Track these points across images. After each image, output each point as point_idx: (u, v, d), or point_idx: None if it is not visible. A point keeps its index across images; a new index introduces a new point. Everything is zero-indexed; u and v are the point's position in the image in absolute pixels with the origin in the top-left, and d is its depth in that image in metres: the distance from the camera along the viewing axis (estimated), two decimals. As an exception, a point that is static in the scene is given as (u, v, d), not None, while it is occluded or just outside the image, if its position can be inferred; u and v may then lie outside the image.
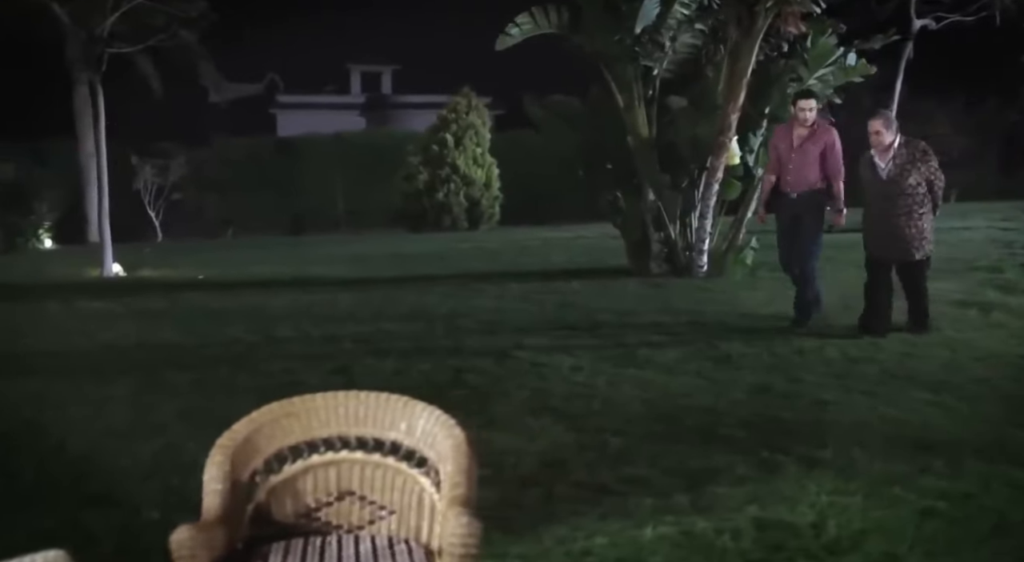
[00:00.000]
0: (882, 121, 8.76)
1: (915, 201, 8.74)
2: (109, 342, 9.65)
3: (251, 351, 8.98)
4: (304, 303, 11.67)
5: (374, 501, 3.63)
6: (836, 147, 9.48)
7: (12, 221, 25.08)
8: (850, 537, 4.54)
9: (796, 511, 4.84)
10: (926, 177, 8.75)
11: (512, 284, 12.74)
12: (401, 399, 3.72)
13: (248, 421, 3.63)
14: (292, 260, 17.59)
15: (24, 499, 5.31)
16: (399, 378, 7.95)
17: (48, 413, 7.02)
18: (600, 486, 5.31)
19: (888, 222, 8.82)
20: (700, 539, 4.56)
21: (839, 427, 6.27)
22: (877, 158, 8.85)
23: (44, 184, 25.78)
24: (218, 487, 3.42)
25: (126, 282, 15.32)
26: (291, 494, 3.60)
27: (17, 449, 6.23)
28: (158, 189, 27.03)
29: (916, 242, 8.83)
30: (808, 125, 9.49)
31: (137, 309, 11.58)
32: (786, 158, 9.59)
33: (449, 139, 25.62)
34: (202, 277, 15.07)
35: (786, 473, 5.42)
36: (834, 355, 8.38)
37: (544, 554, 4.46)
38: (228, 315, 10.93)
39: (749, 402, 6.97)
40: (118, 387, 7.73)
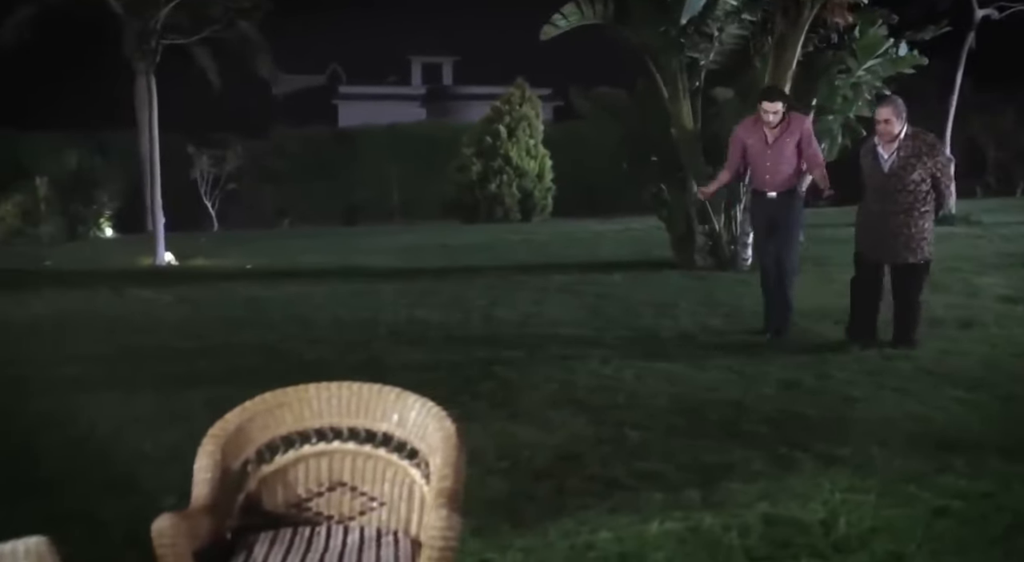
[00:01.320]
0: (892, 109, 7.99)
1: (917, 198, 8.02)
2: (149, 329, 9.79)
3: (285, 340, 9.06)
4: (345, 293, 11.74)
5: (365, 492, 3.65)
6: (812, 135, 8.76)
7: (74, 210, 25.51)
8: (859, 535, 4.50)
9: (807, 508, 4.80)
10: (931, 173, 8.00)
11: (555, 276, 12.72)
12: (394, 390, 3.74)
13: (241, 410, 3.67)
14: (340, 250, 17.71)
15: (44, 483, 5.42)
16: (429, 369, 7.99)
17: (81, 397, 7.14)
18: (612, 480, 5.30)
19: (884, 219, 8.10)
20: (706, 535, 4.53)
21: (863, 424, 6.20)
22: (881, 148, 8.12)
23: (106, 174, 26.14)
24: (207, 476, 3.46)
25: (176, 271, 15.53)
26: (282, 484, 3.63)
27: (46, 432, 6.35)
28: (214, 179, 27.32)
29: (914, 243, 8.08)
30: (775, 125, 8.61)
31: (182, 297, 11.73)
32: (760, 155, 8.73)
33: (502, 130, 25.62)
34: (250, 266, 15.22)
35: (802, 470, 5.37)
36: (869, 351, 8.27)
37: (548, 547, 4.47)
38: (268, 304, 11.04)
39: (776, 397, 6.90)
40: (150, 374, 7.84)
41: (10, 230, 24.92)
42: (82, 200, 25.51)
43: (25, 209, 25.23)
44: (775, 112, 8.53)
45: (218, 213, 27.49)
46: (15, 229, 24.98)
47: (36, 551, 2.90)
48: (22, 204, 25.24)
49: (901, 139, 8.00)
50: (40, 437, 6.26)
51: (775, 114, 8.53)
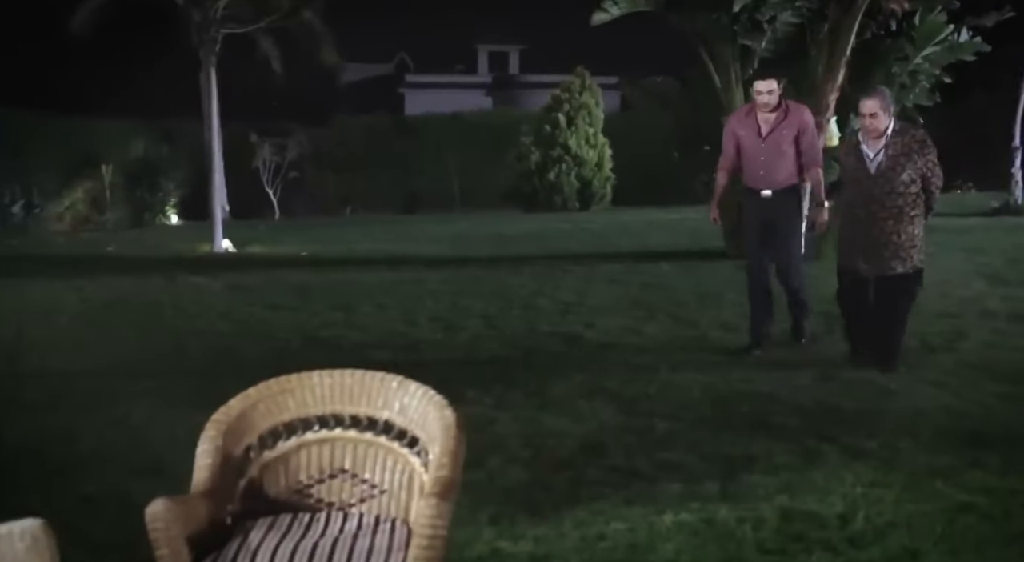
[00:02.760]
0: (878, 101, 6.99)
1: (907, 202, 7.04)
2: (196, 314, 9.95)
3: (326, 326, 9.15)
4: (392, 280, 11.81)
5: (366, 479, 3.67)
6: (812, 128, 7.79)
7: (140, 197, 25.97)
8: (876, 530, 4.44)
9: (826, 502, 4.75)
10: (922, 173, 7.04)
11: (602, 265, 12.68)
12: (396, 378, 3.75)
13: (244, 397, 3.72)
14: (395, 238, 17.82)
15: (75, 465, 5.52)
16: (466, 356, 8.06)
17: (122, 381, 7.28)
18: (633, 471, 5.29)
19: (871, 226, 7.09)
20: (720, 527, 4.51)
21: (895, 417, 6.11)
22: (866, 146, 7.12)
23: (172, 162, 26.56)
24: (208, 461, 3.51)
25: (231, 258, 15.73)
26: (284, 470, 3.67)
27: (85, 415, 6.47)
28: (276, 167, 27.60)
29: (904, 251, 7.09)
30: (772, 109, 7.65)
31: (232, 284, 11.88)
32: (753, 149, 7.74)
33: (561, 119, 25.55)
34: (304, 254, 15.37)
35: (826, 463, 5.32)
36: (913, 344, 8.11)
37: (561, 537, 4.46)
38: (315, 291, 11.14)
39: (811, 389, 6.83)
40: (191, 359, 7.98)
41: (79, 217, 25.43)
42: (148, 187, 25.95)
43: (94, 196, 25.74)
44: (769, 91, 7.56)
45: (280, 201, 27.74)
46: (84, 216, 25.49)
47: (31, 533, 2.96)
48: (91, 191, 25.75)
49: (888, 135, 7.05)
50: (79, 419, 6.38)
51: (770, 94, 7.56)
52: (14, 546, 2.94)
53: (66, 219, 25.16)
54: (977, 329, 8.51)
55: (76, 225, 24.67)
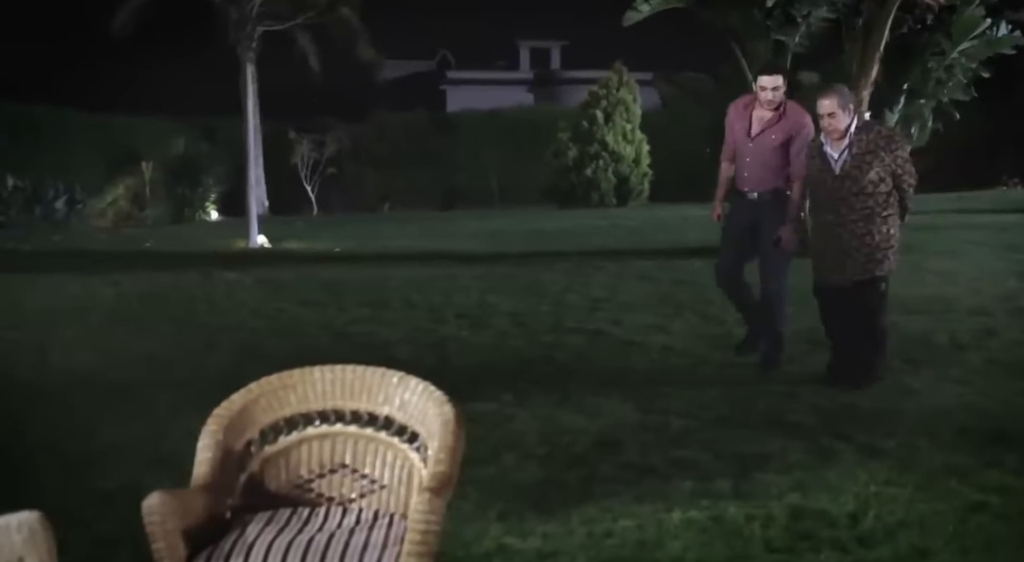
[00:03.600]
0: (836, 99, 6.56)
1: (877, 202, 6.57)
2: (226, 309, 10.02)
3: (354, 322, 9.20)
4: (423, 277, 11.84)
5: (366, 475, 3.69)
6: (807, 135, 7.09)
7: (181, 193, 26.21)
8: (886, 529, 4.41)
9: (838, 501, 4.72)
10: (891, 171, 6.58)
11: (635, 262, 12.64)
12: (396, 374, 3.77)
13: (245, 392, 3.76)
14: (430, 234, 17.87)
15: (95, 459, 5.59)
16: (491, 353, 8.07)
17: (148, 377, 7.36)
18: (646, 468, 5.29)
19: (841, 230, 6.61)
20: (729, 525, 4.50)
21: (915, 416, 6.07)
22: (829, 147, 6.69)
23: (212, 158, 26.78)
24: (208, 456, 3.55)
25: (265, 254, 15.84)
26: (285, 465, 3.70)
27: (109, 407, 6.55)
28: (314, 164, 27.76)
29: (880, 253, 6.61)
30: (774, 107, 7.13)
31: (263, 279, 11.96)
32: (741, 147, 7.27)
33: (599, 115, 25.50)
34: (338, 250, 15.46)
35: (841, 461, 5.29)
36: (941, 341, 8.08)
37: (568, 534, 4.47)
38: (345, 287, 11.19)
39: (831, 388, 6.77)
40: (219, 355, 8.04)
41: (121, 213, 25.73)
42: (189, 184, 26.18)
43: (135, 192, 26.04)
44: (775, 87, 7.04)
45: (319, 197, 27.91)
46: (125, 212, 25.78)
47: (29, 525, 3.01)
48: (132, 188, 26.05)
49: (852, 134, 6.63)
50: (102, 414, 6.45)
51: (775, 91, 7.05)
52: (11, 538, 2.98)
53: (108, 215, 25.45)
54: (1008, 327, 8.42)
55: (118, 221, 24.94)
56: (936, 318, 8.84)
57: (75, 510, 4.79)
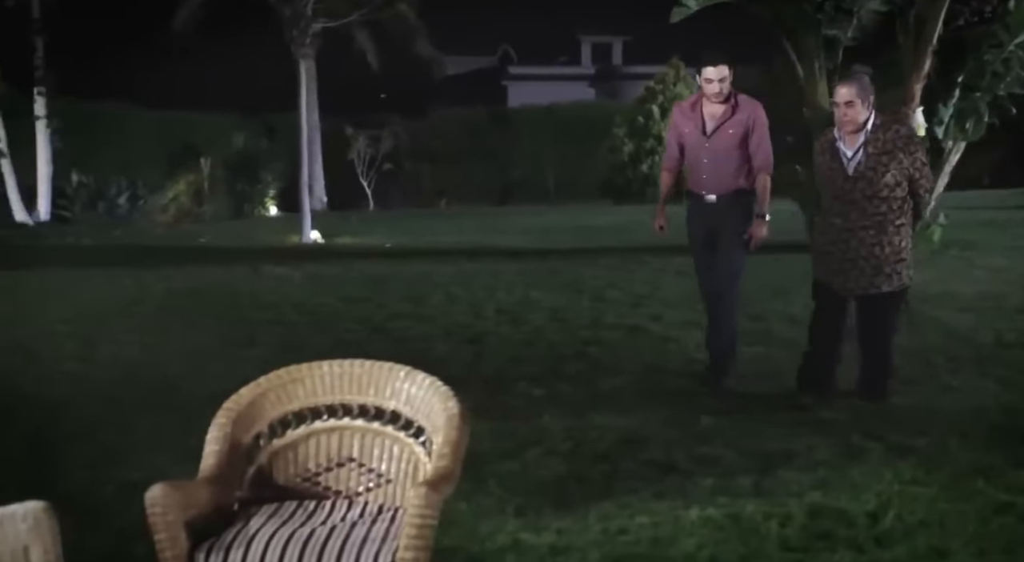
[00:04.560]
0: (856, 88, 6.04)
1: (891, 208, 6.06)
2: (271, 304, 10.12)
3: (394, 317, 9.25)
4: (468, 272, 11.88)
5: (373, 468, 3.72)
6: (765, 126, 6.66)
7: (241, 189, 26.54)
8: (905, 529, 4.35)
9: (859, 500, 4.66)
10: (908, 175, 6.05)
11: (678, 258, 12.43)
12: (404, 369, 3.78)
13: (255, 385, 3.80)
14: (483, 230, 17.91)
15: (127, 450, 5.66)
16: (526, 348, 8.08)
17: (186, 370, 7.46)
18: (669, 465, 5.26)
19: (850, 236, 6.12)
20: (745, 523, 4.45)
21: (949, 414, 5.98)
22: (843, 143, 6.15)
23: (271, 154, 27.05)
24: (215, 448, 3.60)
25: (317, 249, 15.99)
26: (292, 458, 3.73)
27: (144, 403, 6.65)
28: (371, 159, 27.94)
29: (889, 266, 6.12)
30: (722, 100, 6.57)
31: (311, 274, 12.08)
32: (696, 148, 6.69)
33: (655, 110, 25.40)
34: (389, 245, 15.56)
35: (867, 460, 5.22)
36: (986, 339, 7.95)
37: (583, 530, 4.45)
38: (390, 282, 11.27)
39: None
40: (258, 349, 8.13)
41: (182, 209, 26.09)
42: (248, 180, 26.49)
43: (196, 188, 26.40)
44: (720, 79, 6.47)
45: (376, 193, 28.08)
46: (186, 208, 26.15)
47: (34, 515, 3.08)
48: (193, 184, 26.41)
49: (868, 130, 6.06)
50: (138, 406, 6.56)
51: (721, 82, 6.47)
52: (17, 527, 3.05)
53: (170, 211, 25.82)
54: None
55: (179, 217, 25.30)
56: (983, 316, 8.72)
57: (102, 500, 4.88)
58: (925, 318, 8.67)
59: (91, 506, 4.76)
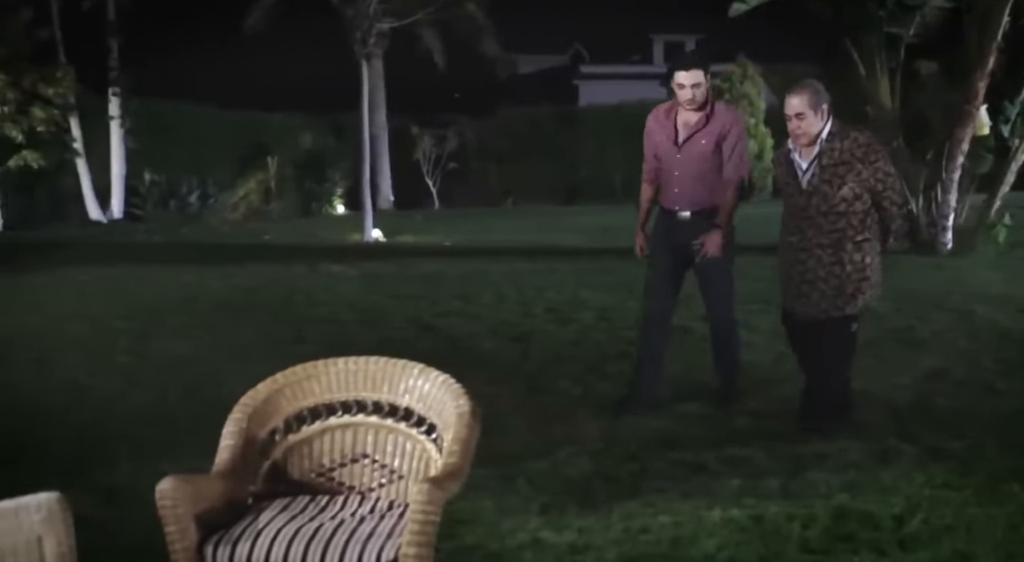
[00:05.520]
0: (807, 97, 5.47)
1: (849, 224, 5.52)
2: (323, 302, 10.22)
3: (442, 315, 9.29)
4: (522, 271, 11.90)
5: (386, 465, 3.77)
6: (741, 136, 6.15)
7: (309, 187, 26.87)
8: (931, 533, 4.29)
9: (887, 502, 4.60)
10: (869, 187, 5.51)
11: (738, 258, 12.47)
12: (417, 366, 3.82)
13: (271, 381, 3.87)
14: (545, 229, 17.93)
15: (169, 444, 5.76)
16: (570, 347, 8.09)
17: (233, 366, 7.55)
18: (698, 465, 5.24)
19: (807, 257, 5.62)
20: (768, 524, 4.43)
21: (990, 417, 5.88)
22: (797, 154, 5.66)
23: (339, 153, 27.32)
24: (230, 443, 3.67)
25: (377, 248, 16.13)
26: (307, 453, 3.79)
27: (189, 397, 6.77)
28: (436, 158, 28.09)
29: (852, 286, 5.57)
30: (696, 108, 6.04)
31: (367, 273, 12.18)
32: (668, 159, 6.19)
33: (722, 109, 25.22)
34: (448, 243, 15.64)
35: (900, 462, 5.16)
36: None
37: (605, 528, 4.46)
38: (444, 280, 11.32)
39: (912, 387, 6.61)
40: (306, 345, 8.20)
41: (252, 207, 26.48)
42: (316, 178, 26.79)
43: (266, 187, 26.78)
44: (694, 85, 5.93)
45: (442, 192, 28.22)
46: (256, 206, 26.53)
47: (47, 506, 3.15)
48: (263, 182, 26.79)
49: (823, 140, 5.53)
50: (184, 401, 6.68)
51: (695, 88, 5.94)
52: (31, 518, 3.13)
53: (240, 209, 26.22)
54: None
55: (248, 215, 25.67)
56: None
57: (139, 491, 4.97)
58: (981, 319, 8.54)
59: (133, 497, 4.85)
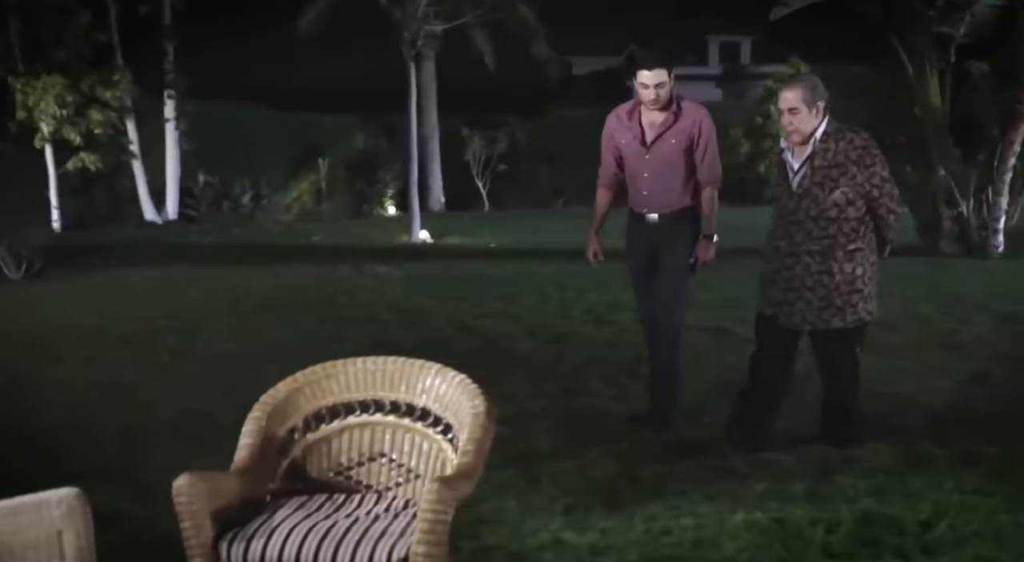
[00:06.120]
0: (801, 91, 5.16)
1: (841, 231, 5.16)
2: (366, 302, 10.32)
3: (482, 317, 9.33)
4: (566, 272, 11.88)
5: (403, 464, 3.80)
6: (711, 134, 5.89)
7: (360, 189, 27.02)
8: (957, 539, 4.24)
9: (914, 508, 4.55)
10: (863, 192, 5.14)
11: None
12: (435, 366, 3.85)
13: (291, 380, 3.92)
14: (591, 230, 17.87)
15: (209, 439, 5.82)
16: (607, 349, 8.10)
17: (272, 365, 7.60)
18: (725, 468, 5.21)
19: (794, 263, 5.29)
20: (791, 528, 4.40)
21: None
22: (790, 154, 5.34)
23: (389, 155, 27.45)
24: (248, 441, 3.72)
25: (423, 249, 16.20)
26: (325, 452, 3.83)
27: (228, 395, 6.83)
28: (486, 160, 28.14)
29: (840, 298, 5.22)
30: (661, 107, 5.78)
31: (412, 274, 12.26)
32: (635, 160, 5.92)
33: (773, 110, 25.04)
34: (493, 245, 15.68)
35: (931, 467, 5.10)
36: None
37: (627, 530, 4.45)
38: (487, 281, 11.36)
39: (953, 391, 6.54)
40: (345, 345, 8.25)
41: (304, 208, 26.69)
42: (367, 180, 26.95)
43: (318, 188, 26.99)
44: (657, 84, 5.67)
45: (492, 193, 28.24)
46: (308, 207, 26.74)
47: (67, 501, 3.23)
48: (315, 183, 27.00)
49: (817, 140, 5.18)
50: (223, 398, 6.72)
51: (659, 88, 5.68)
52: (51, 513, 3.21)
53: (293, 210, 26.44)
54: None
55: (300, 216, 25.88)
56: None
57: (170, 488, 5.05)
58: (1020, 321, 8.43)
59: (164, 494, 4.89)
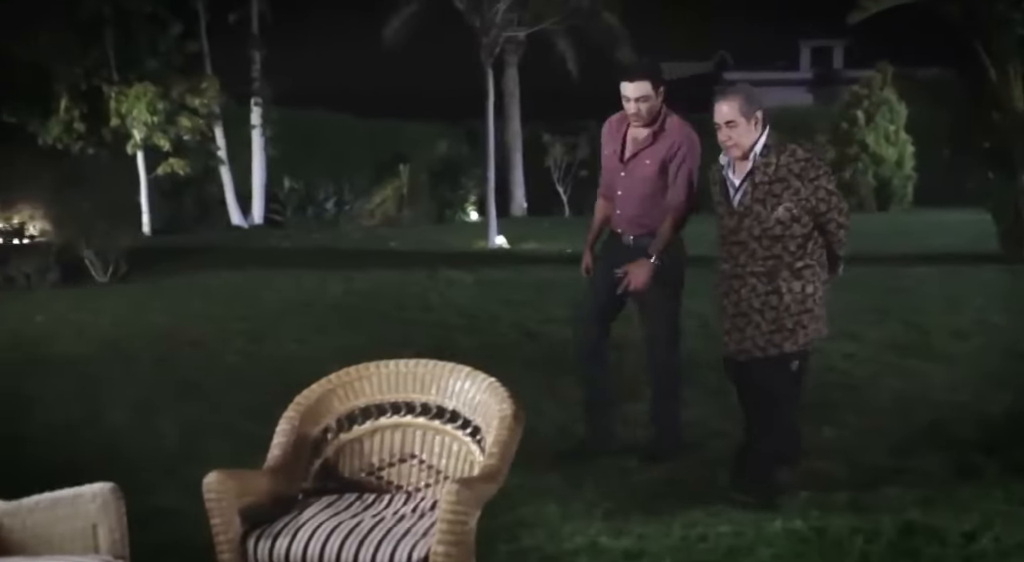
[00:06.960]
0: (738, 103, 4.78)
1: (787, 249, 4.74)
2: (434, 306, 10.41)
3: (546, 322, 9.33)
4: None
5: (432, 465, 3.86)
6: (690, 158, 5.45)
7: (442, 194, 27.23)
8: (1000, 551, 4.19)
9: (960, 518, 4.48)
10: (809, 207, 4.72)
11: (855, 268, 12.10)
12: (465, 369, 3.90)
13: (325, 382, 4.00)
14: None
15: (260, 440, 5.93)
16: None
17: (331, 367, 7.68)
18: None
19: (740, 285, 4.84)
20: (830, 537, 4.37)
21: (1087, 434, 5.66)
22: (730, 170, 4.96)
23: (472, 161, 27.62)
24: (282, 440, 3.80)
25: (499, 254, 16.24)
26: (358, 452, 3.91)
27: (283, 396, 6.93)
28: (567, 166, 28.13)
29: (791, 319, 4.78)
30: (644, 124, 5.42)
31: (483, 279, 12.30)
32: (612, 175, 5.63)
33: (860, 116, 24.60)
34: (569, 251, 15.61)
35: (981, 478, 5.03)
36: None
37: (664, 535, 4.45)
38: (557, 287, 11.32)
39: (1011, 401, 6.40)
40: (408, 348, 8.29)
41: (387, 214, 26.96)
42: (449, 186, 27.15)
43: (401, 194, 27.25)
44: (639, 98, 5.29)
45: (573, 199, 28.20)
46: (390, 214, 27.00)
47: (102, 495, 3.33)
48: (399, 189, 27.27)
49: (757, 154, 4.82)
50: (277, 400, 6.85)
51: (640, 102, 5.30)
52: (87, 507, 3.32)
53: (376, 216, 26.72)
54: None
55: (384, 221, 26.13)
56: None
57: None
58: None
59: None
